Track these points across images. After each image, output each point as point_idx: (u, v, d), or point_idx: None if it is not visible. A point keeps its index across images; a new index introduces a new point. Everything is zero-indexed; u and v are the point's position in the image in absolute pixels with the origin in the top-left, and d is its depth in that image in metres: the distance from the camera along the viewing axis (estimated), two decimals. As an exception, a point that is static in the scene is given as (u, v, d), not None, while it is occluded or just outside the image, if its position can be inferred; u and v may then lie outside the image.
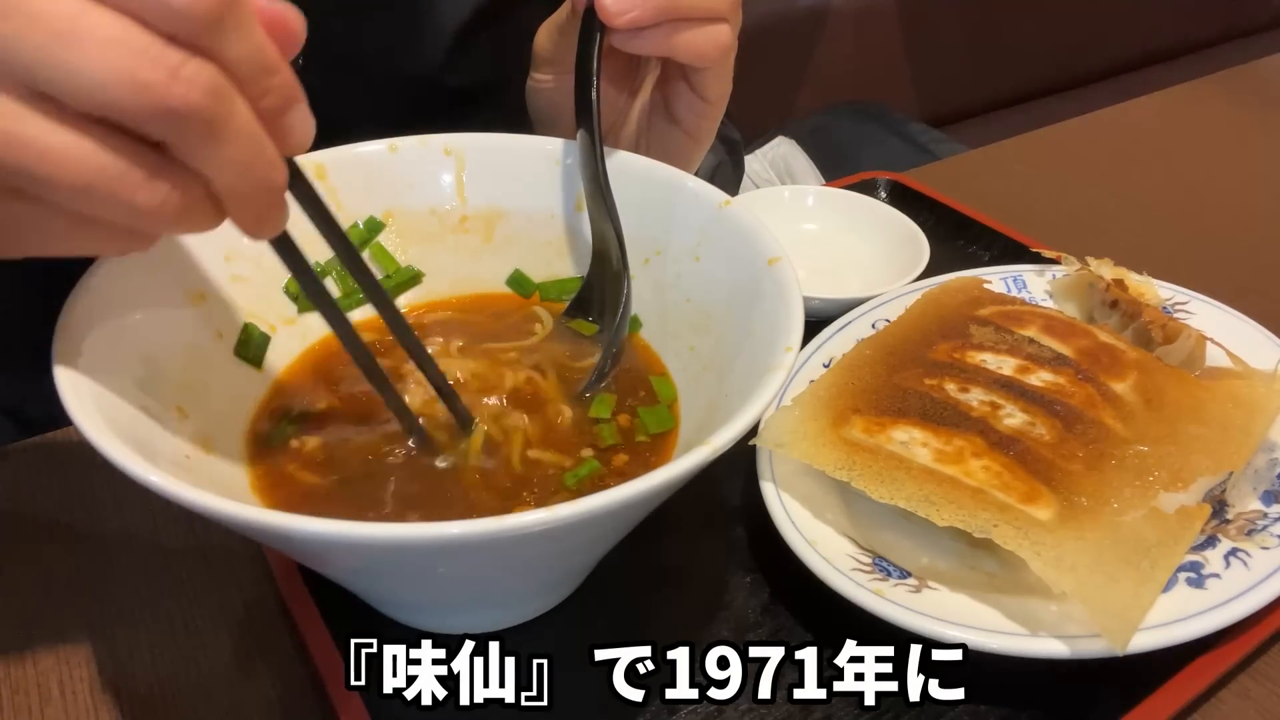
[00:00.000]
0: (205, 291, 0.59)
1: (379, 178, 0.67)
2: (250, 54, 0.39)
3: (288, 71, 0.41)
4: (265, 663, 0.57)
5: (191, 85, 0.37)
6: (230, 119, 0.39)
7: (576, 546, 0.52)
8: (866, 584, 0.54)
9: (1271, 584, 0.53)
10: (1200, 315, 0.72)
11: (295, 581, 0.58)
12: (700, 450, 0.45)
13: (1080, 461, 0.57)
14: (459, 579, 0.51)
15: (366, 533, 0.41)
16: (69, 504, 0.67)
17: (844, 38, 1.97)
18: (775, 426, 0.61)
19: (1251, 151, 1.16)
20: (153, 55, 0.37)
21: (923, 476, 0.56)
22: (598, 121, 0.63)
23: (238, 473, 0.56)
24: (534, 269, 0.69)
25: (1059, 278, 0.77)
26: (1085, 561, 0.51)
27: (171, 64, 0.37)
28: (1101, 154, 1.17)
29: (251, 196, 0.41)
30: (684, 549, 0.63)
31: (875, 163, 1.17)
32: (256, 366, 0.61)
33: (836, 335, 0.74)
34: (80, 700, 0.56)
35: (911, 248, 0.85)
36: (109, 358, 0.51)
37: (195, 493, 0.41)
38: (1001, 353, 0.66)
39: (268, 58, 0.40)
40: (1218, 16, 2.49)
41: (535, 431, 0.59)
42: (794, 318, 0.53)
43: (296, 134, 0.42)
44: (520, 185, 0.68)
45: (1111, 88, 2.21)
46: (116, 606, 0.60)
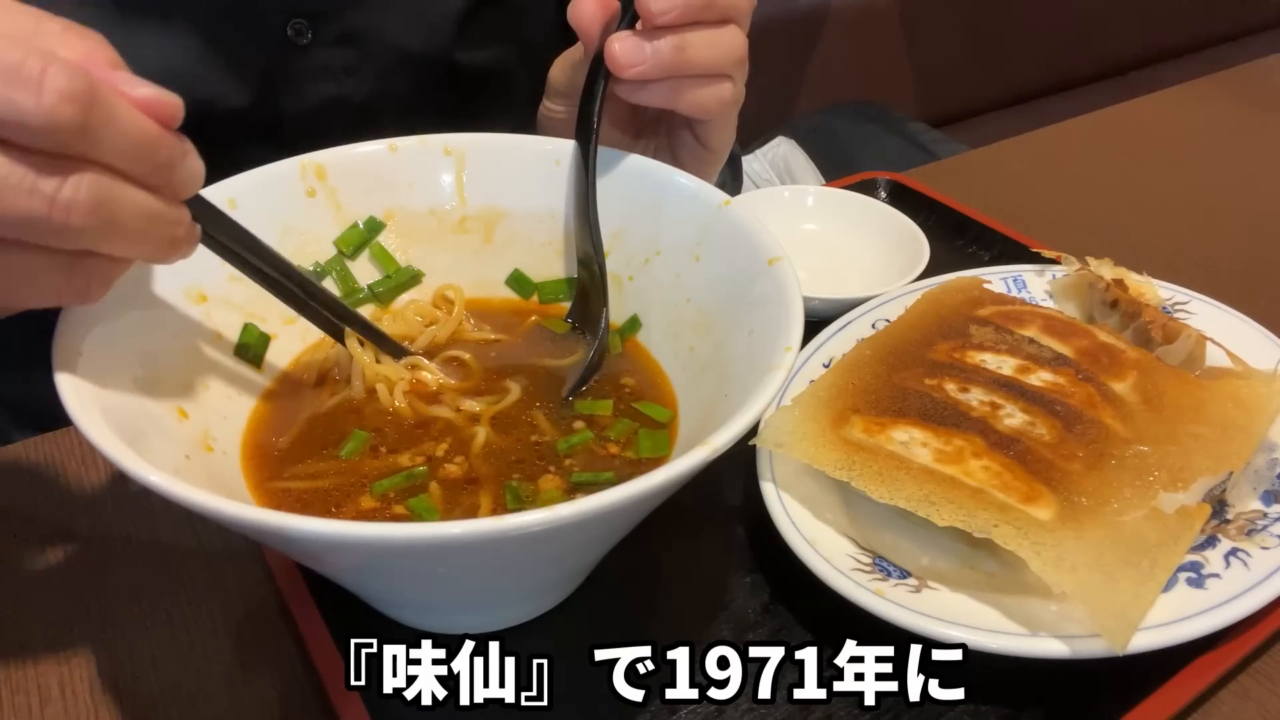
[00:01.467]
0: (205, 291, 0.59)
1: (379, 178, 0.67)
2: (126, 144, 0.41)
3: (169, 138, 0.43)
4: (265, 663, 0.57)
5: (72, 208, 0.39)
6: (119, 212, 0.41)
7: (576, 546, 0.52)
8: (866, 584, 0.54)
9: (1271, 584, 0.53)
10: (1200, 315, 0.72)
11: (295, 581, 0.58)
12: (700, 450, 0.45)
13: (1080, 461, 0.57)
14: (459, 579, 0.51)
15: (366, 533, 0.41)
16: (69, 504, 0.67)
17: (844, 38, 1.97)
18: (775, 426, 0.61)
19: (1251, 151, 1.16)
20: (27, 187, 0.38)
21: (923, 476, 0.56)
22: (593, 167, 0.64)
23: (238, 473, 0.56)
24: (534, 269, 0.69)
25: (1059, 278, 0.77)
26: (1085, 561, 0.51)
27: (47, 192, 0.39)
28: (1101, 154, 1.17)
29: (157, 252, 0.45)
30: (684, 549, 0.63)
31: (875, 163, 1.17)
32: (256, 366, 0.61)
33: (836, 335, 0.74)
34: (80, 700, 0.56)
35: (911, 248, 0.85)
36: (109, 358, 0.51)
37: (195, 493, 0.41)
38: (1001, 353, 0.66)
39: (145, 138, 0.42)
40: (1219, 16, 2.49)
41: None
42: (794, 318, 0.53)
43: (190, 183, 0.45)
44: (520, 185, 0.68)
45: (1111, 88, 2.21)
46: (116, 607, 0.60)
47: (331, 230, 0.66)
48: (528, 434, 0.59)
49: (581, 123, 0.64)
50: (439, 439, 0.59)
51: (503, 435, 0.59)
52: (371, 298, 0.67)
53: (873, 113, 1.84)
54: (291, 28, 0.79)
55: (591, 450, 0.58)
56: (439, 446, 0.58)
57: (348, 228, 0.66)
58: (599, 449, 0.58)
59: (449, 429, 0.59)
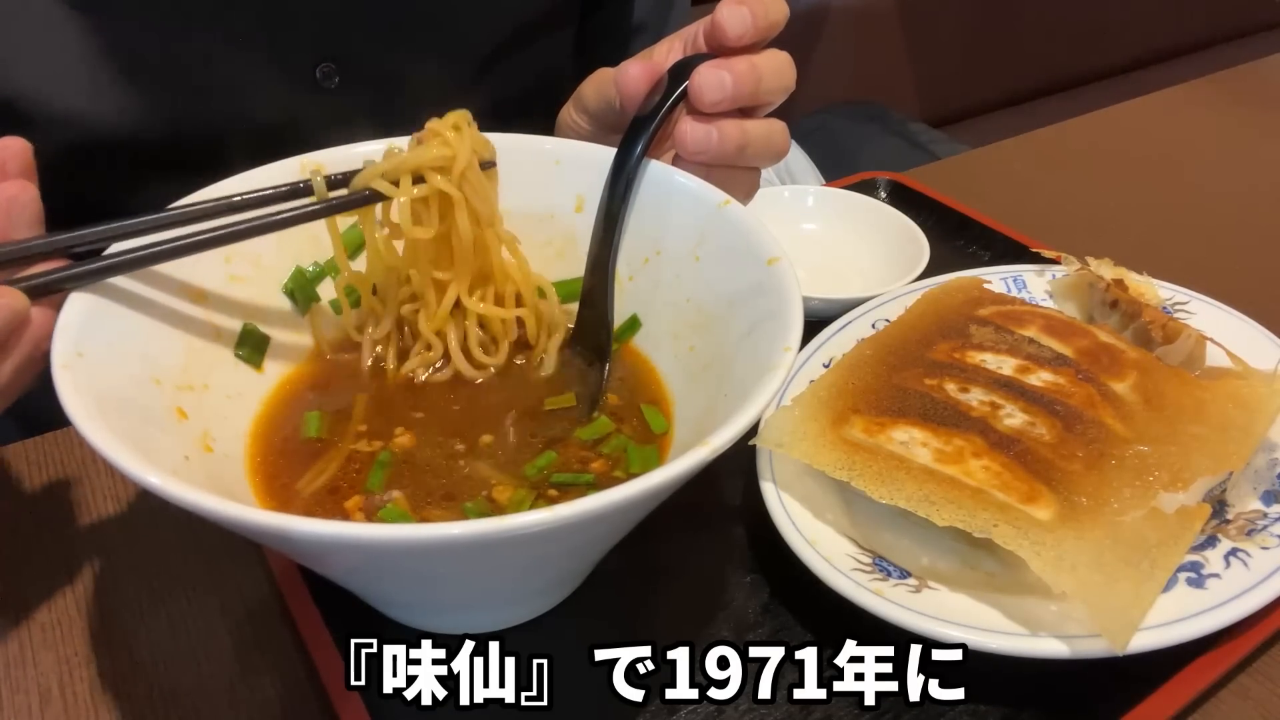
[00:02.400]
0: (205, 291, 0.59)
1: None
2: None
3: None
4: (265, 663, 0.57)
5: None
6: None
7: (576, 546, 0.52)
8: (866, 584, 0.54)
9: (1271, 584, 0.53)
10: (1200, 315, 0.72)
11: (295, 581, 0.58)
12: (699, 450, 0.45)
13: (1080, 461, 0.57)
14: (459, 579, 0.51)
15: (366, 533, 0.41)
16: (69, 504, 0.67)
17: (844, 38, 1.98)
18: (775, 426, 0.61)
19: (1251, 151, 1.16)
20: None
21: (923, 476, 0.56)
22: (620, 230, 0.64)
23: (238, 473, 0.56)
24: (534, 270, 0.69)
25: (1059, 278, 0.77)
26: (1085, 561, 0.51)
27: None
28: (1101, 154, 1.17)
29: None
30: (684, 549, 0.63)
31: (875, 163, 1.17)
32: (256, 367, 0.61)
33: (836, 335, 0.74)
34: (80, 700, 0.56)
35: (911, 248, 0.85)
36: (109, 358, 0.51)
37: (195, 493, 0.41)
38: (1001, 353, 0.66)
39: None
40: (1219, 16, 2.49)
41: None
42: (793, 318, 0.53)
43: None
44: (520, 185, 0.68)
45: (1111, 88, 2.22)
46: (116, 607, 0.60)
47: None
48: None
49: (614, 181, 0.64)
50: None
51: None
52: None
53: (872, 113, 1.84)
54: (319, 71, 0.81)
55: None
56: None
57: (348, 228, 0.66)
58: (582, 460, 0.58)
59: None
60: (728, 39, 0.62)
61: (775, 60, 0.63)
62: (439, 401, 0.62)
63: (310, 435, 0.59)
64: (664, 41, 0.69)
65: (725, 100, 0.61)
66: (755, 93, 0.62)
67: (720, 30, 0.62)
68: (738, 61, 0.62)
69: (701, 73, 0.61)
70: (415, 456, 0.58)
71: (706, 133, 0.63)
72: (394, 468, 0.57)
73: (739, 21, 0.61)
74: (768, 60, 0.63)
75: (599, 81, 0.71)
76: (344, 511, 0.55)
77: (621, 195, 0.64)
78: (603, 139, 0.72)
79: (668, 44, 0.68)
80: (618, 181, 0.64)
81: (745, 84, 0.61)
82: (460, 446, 0.58)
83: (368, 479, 0.56)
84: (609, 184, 0.64)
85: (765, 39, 0.63)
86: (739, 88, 0.61)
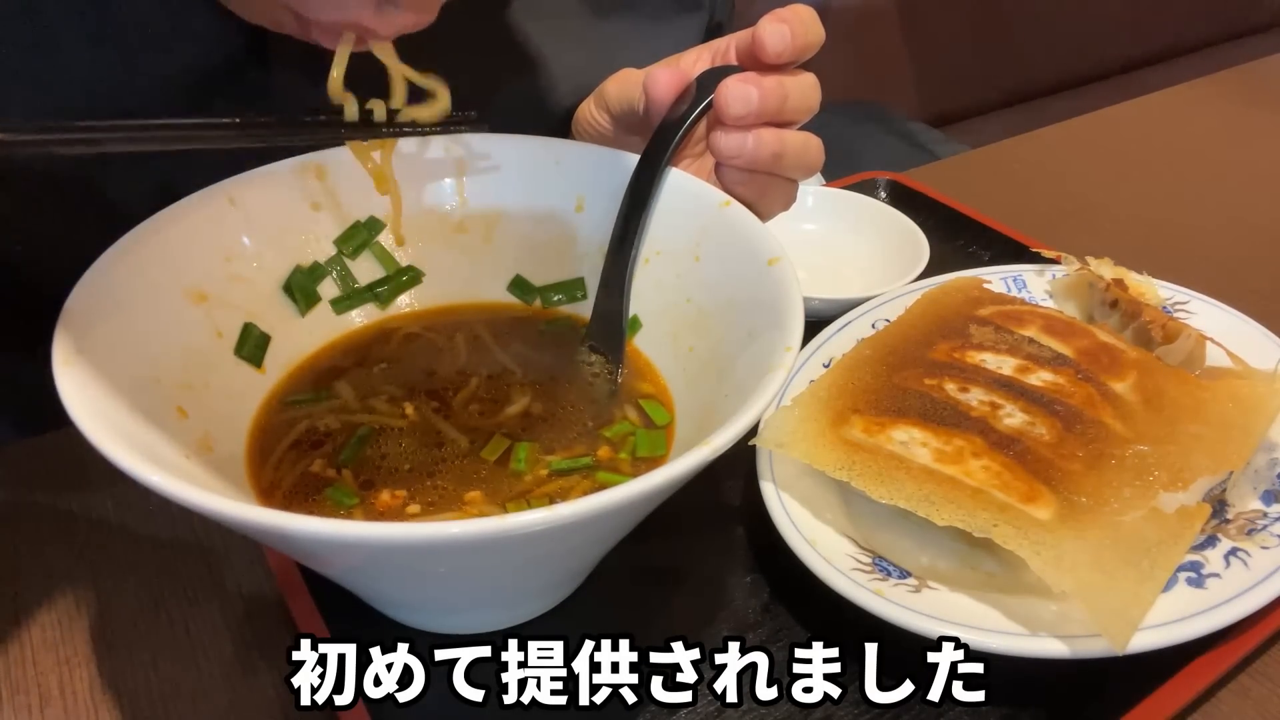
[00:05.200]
0: (205, 291, 0.59)
1: (379, 177, 0.67)
2: None
3: None
4: (265, 663, 0.57)
5: None
6: None
7: (576, 546, 0.52)
8: (866, 584, 0.54)
9: (1271, 584, 0.53)
10: (1200, 315, 0.72)
11: (295, 581, 0.58)
12: (700, 450, 0.45)
13: (1080, 461, 0.57)
14: (459, 579, 0.51)
15: (366, 533, 0.41)
16: (69, 504, 0.67)
17: (844, 38, 1.97)
18: (775, 426, 0.61)
19: (1251, 151, 1.16)
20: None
21: (922, 476, 0.56)
22: (640, 238, 0.64)
23: (238, 473, 0.56)
24: (534, 270, 0.69)
25: (1059, 278, 0.77)
26: (1085, 561, 0.51)
27: None
28: (1101, 154, 1.17)
29: None
30: (684, 549, 0.63)
31: (875, 163, 1.17)
32: (256, 366, 0.61)
33: (836, 335, 0.74)
34: (80, 700, 0.56)
35: (911, 248, 0.85)
36: (109, 357, 0.51)
37: (195, 493, 0.41)
38: (1001, 352, 0.66)
39: None
40: (1219, 16, 2.49)
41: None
42: (794, 318, 0.53)
43: None
44: (520, 185, 0.68)
45: (1111, 88, 2.22)
46: (116, 607, 0.60)
47: (331, 230, 0.66)
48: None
49: (636, 184, 0.64)
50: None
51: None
52: (372, 297, 0.67)
53: (872, 113, 1.84)
54: None
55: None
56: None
57: (348, 227, 0.66)
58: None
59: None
60: (766, 55, 0.61)
61: (803, 81, 0.63)
62: (441, 395, 0.62)
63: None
64: (692, 50, 0.69)
65: (750, 115, 0.61)
66: (780, 110, 0.62)
67: (760, 46, 0.61)
68: (767, 78, 0.61)
69: (729, 85, 0.61)
70: (409, 445, 0.58)
71: (742, 138, 0.62)
72: (374, 444, 0.58)
73: (779, 39, 0.61)
74: (795, 80, 0.63)
75: (623, 82, 0.71)
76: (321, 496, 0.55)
77: (644, 198, 0.63)
78: (621, 139, 0.71)
79: (696, 53, 0.68)
80: (640, 185, 0.64)
81: (771, 101, 0.61)
82: (466, 444, 0.59)
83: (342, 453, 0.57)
84: (631, 187, 0.64)
85: (800, 59, 0.63)
86: (764, 104, 0.61)
